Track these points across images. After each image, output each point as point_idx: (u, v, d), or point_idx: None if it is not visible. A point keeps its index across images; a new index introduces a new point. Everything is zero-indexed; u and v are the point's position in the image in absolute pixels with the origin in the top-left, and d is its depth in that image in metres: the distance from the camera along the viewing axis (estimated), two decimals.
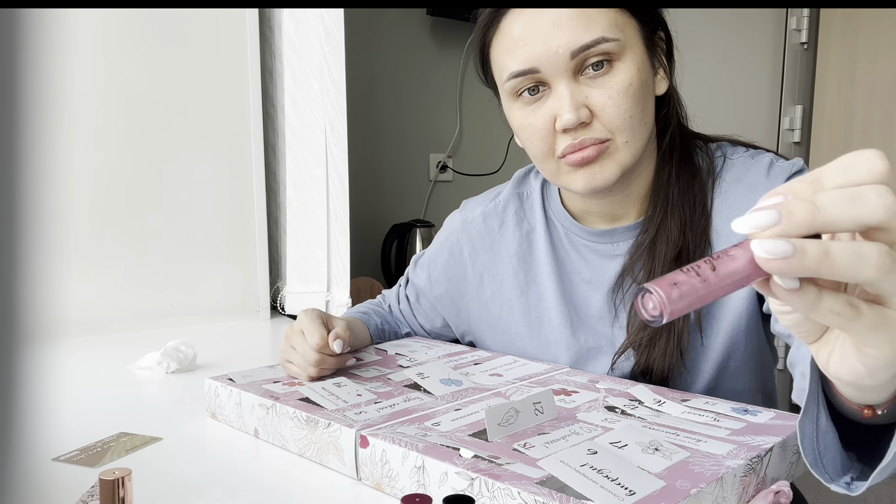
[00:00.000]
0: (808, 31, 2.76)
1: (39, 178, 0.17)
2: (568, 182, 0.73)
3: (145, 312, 1.26)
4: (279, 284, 1.44)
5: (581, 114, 0.68)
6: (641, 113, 0.70)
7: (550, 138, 0.71)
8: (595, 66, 0.68)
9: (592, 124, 0.69)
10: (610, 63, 0.69)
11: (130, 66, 1.23)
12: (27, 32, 0.17)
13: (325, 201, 1.34)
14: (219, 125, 1.31)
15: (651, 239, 0.75)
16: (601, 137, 0.69)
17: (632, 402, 0.68)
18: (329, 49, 1.29)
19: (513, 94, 0.73)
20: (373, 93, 2.26)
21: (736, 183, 0.75)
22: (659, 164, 0.77)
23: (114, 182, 1.22)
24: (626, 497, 0.47)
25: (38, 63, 0.17)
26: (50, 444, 0.70)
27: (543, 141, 0.71)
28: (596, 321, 0.80)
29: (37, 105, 0.17)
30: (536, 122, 0.71)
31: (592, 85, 0.69)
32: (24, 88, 0.16)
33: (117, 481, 0.49)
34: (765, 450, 0.56)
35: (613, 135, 0.70)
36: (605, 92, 0.68)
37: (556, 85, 0.69)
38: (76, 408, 0.84)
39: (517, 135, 0.76)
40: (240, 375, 0.78)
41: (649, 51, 0.72)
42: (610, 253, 0.79)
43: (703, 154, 0.78)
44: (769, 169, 0.74)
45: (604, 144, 0.70)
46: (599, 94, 0.69)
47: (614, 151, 0.70)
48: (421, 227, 2.18)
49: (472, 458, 0.54)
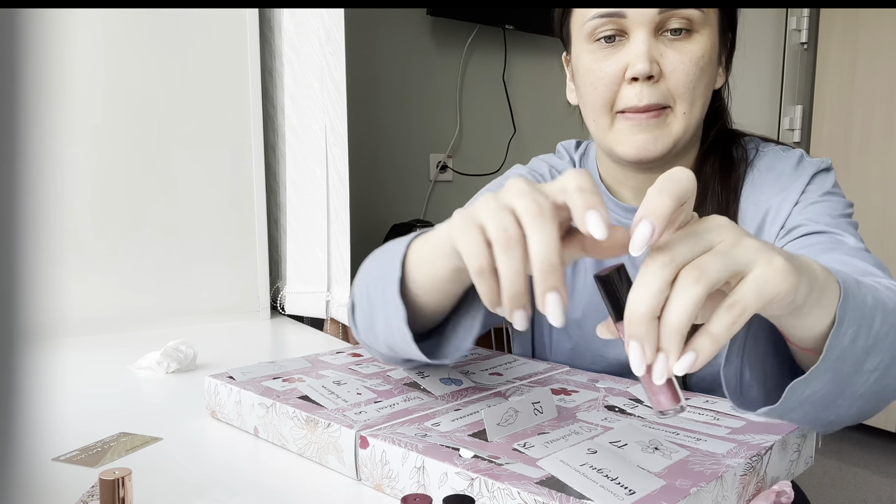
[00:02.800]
0: (808, 31, 2.77)
1: (39, 178, 0.17)
2: (616, 142, 0.74)
3: (145, 312, 1.26)
4: (279, 284, 1.44)
5: (653, 67, 0.70)
6: (704, 89, 0.73)
7: (615, 87, 0.73)
8: (675, 31, 0.71)
9: (659, 84, 0.72)
10: (689, 32, 0.72)
11: (130, 65, 1.23)
12: (27, 32, 0.17)
13: (326, 201, 1.34)
14: (219, 125, 1.31)
15: None
16: (662, 103, 0.72)
17: (631, 401, 0.68)
18: (329, 49, 1.29)
19: (589, 37, 0.74)
20: (373, 93, 2.26)
21: (767, 171, 0.79)
22: (702, 155, 0.80)
23: (113, 182, 1.22)
24: (626, 496, 0.47)
25: (38, 63, 0.17)
26: (50, 444, 0.70)
27: (609, 88, 0.73)
28: None
29: (37, 105, 0.17)
30: (606, 68, 0.73)
31: (669, 46, 0.72)
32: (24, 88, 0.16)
33: (117, 481, 0.49)
34: (765, 448, 0.56)
35: (675, 101, 0.72)
36: (679, 56, 0.71)
37: (635, 34, 0.71)
38: (76, 408, 0.84)
39: (582, 79, 0.76)
40: (239, 372, 0.78)
41: (721, 41, 0.76)
42: None
43: (739, 147, 0.82)
44: (798, 162, 0.78)
45: (664, 111, 0.72)
46: (674, 55, 0.71)
47: (672, 122, 0.73)
48: (421, 228, 2.19)
49: (472, 458, 0.54)
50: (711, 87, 0.76)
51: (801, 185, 0.76)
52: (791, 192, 0.76)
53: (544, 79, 2.62)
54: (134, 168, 1.24)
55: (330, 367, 0.81)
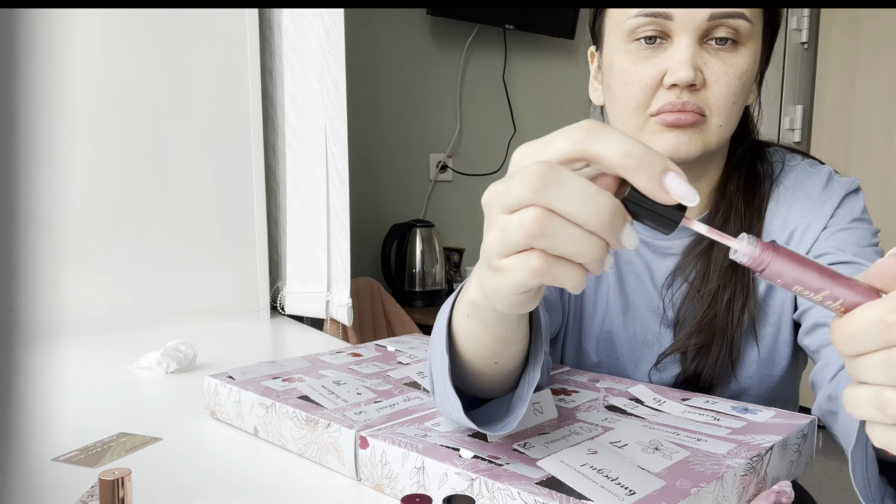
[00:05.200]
0: (808, 31, 2.77)
1: (39, 178, 0.17)
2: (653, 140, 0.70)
3: (145, 312, 1.26)
4: (279, 284, 1.44)
5: (697, 76, 0.67)
6: (741, 105, 0.70)
7: (651, 91, 0.69)
8: (720, 40, 0.68)
9: (699, 93, 0.68)
10: (735, 44, 0.68)
11: (130, 65, 1.23)
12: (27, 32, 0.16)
13: (326, 201, 1.34)
14: (219, 125, 1.31)
15: (709, 243, 0.74)
16: (701, 110, 0.68)
17: (632, 401, 0.68)
18: (329, 49, 1.29)
19: (628, 35, 0.70)
20: (373, 93, 2.26)
21: (793, 189, 0.75)
22: (728, 171, 0.77)
23: (113, 182, 1.22)
24: (627, 497, 0.47)
25: (38, 63, 0.17)
26: (50, 444, 0.70)
27: (644, 92, 0.69)
28: (645, 314, 0.79)
29: (36, 105, 0.17)
30: (644, 72, 0.69)
31: (714, 55, 0.68)
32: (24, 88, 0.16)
33: (117, 481, 0.49)
34: (765, 449, 0.56)
35: (712, 113, 0.69)
36: (723, 67, 0.68)
37: (679, 39, 0.67)
38: (76, 408, 0.84)
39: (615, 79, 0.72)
40: (239, 372, 0.78)
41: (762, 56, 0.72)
42: (663, 250, 0.79)
43: (764, 161, 0.78)
44: (827, 182, 0.75)
45: (700, 118, 0.68)
46: (718, 66, 0.68)
47: (706, 130, 0.69)
48: (421, 227, 2.18)
49: (472, 458, 0.54)
50: (743, 107, 0.73)
51: (831, 208, 0.73)
52: (819, 216, 0.73)
53: (544, 79, 2.62)
54: (134, 168, 1.24)
55: (330, 367, 0.81)
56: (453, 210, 2.47)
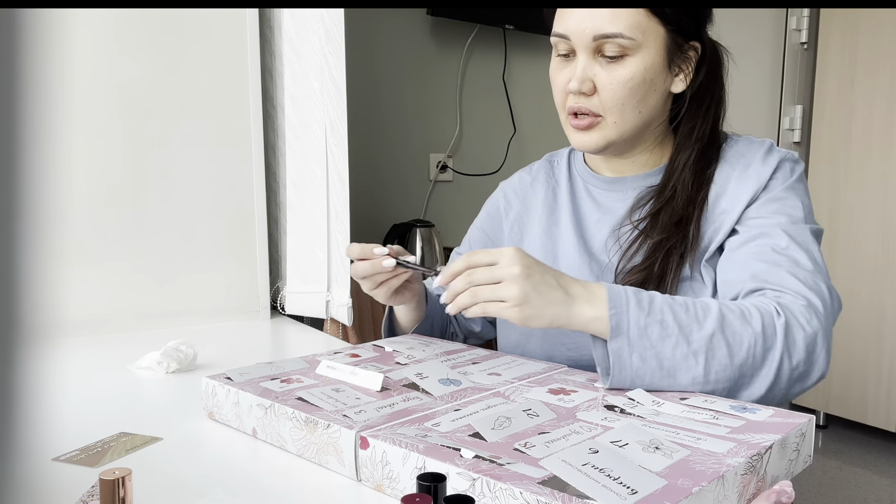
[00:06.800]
0: (808, 31, 2.76)
1: (39, 177, 0.17)
2: (569, 135, 0.90)
3: (145, 312, 1.26)
4: (279, 284, 1.44)
5: (584, 86, 0.84)
6: (636, 103, 0.84)
7: (564, 94, 0.87)
8: (609, 56, 0.82)
9: (592, 98, 0.85)
10: (622, 57, 0.82)
11: (130, 65, 1.23)
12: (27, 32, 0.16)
13: (326, 201, 1.34)
14: (219, 125, 1.31)
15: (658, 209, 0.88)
16: (595, 111, 0.85)
17: (630, 400, 0.68)
18: (329, 49, 1.29)
19: (554, 49, 0.88)
20: (373, 93, 2.26)
21: (737, 158, 0.88)
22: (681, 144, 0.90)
23: (114, 182, 1.22)
24: (629, 496, 0.47)
25: (38, 63, 0.17)
26: (50, 444, 0.70)
27: (560, 94, 0.88)
28: (601, 252, 0.92)
29: (37, 105, 0.17)
30: (559, 78, 0.88)
31: (603, 67, 0.83)
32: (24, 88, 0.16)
33: (117, 481, 0.49)
34: (765, 447, 0.56)
35: (605, 113, 0.85)
36: (609, 77, 0.83)
37: (578, 55, 0.84)
38: (76, 408, 0.84)
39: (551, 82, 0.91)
40: (237, 373, 0.78)
41: (669, 55, 0.85)
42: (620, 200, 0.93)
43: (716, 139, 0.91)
44: (768, 151, 0.88)
45: (596, 119, 0.85)
46: (605, 77, 0.83)
47: (603, 127, 0.86)
48: (421, 227, 2.18)
49: (474, 458, 0.54)
50: (653, 100, 0.85)
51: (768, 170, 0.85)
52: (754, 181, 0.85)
53: (544, 79, 2.61)
54: (134, 168, 1.24)
55: (325, 376, 0.80)
56: (453, 210, 2.47)
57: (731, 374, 0.71)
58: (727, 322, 0.72)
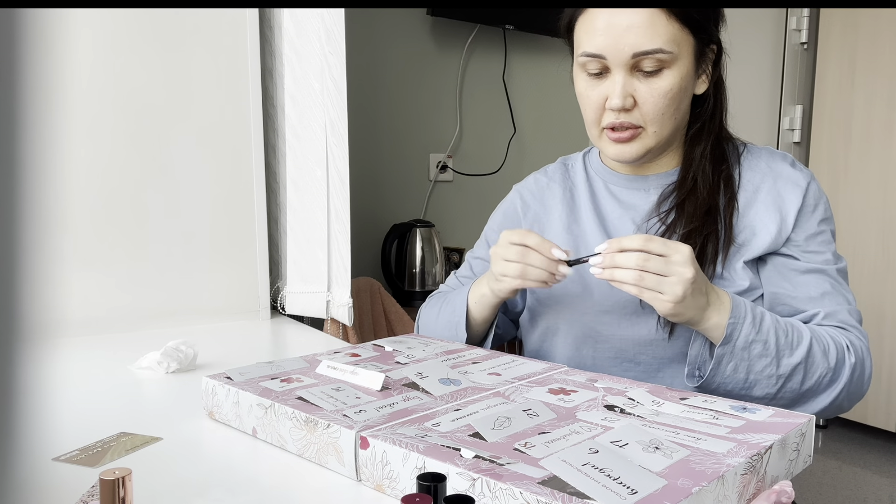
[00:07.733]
0: (808, 31, 2.76)
1: (40, 178, 0.17)
2: (604, 147, 0.91)
3: (145, 312, 1.26)
4: (279, 284, 1.44)
5: (626, 101, 0.85)
6: (674, 111, 0.87)
7: (600, 111, 0.88)
8: (647, 70, 0.84)
9: (633, 111, 0.86)
10: (660, 70, 0.84)
11: (130, 66, 1.23)
12: (27, 32, 0.16)
13: (326, 201, 1.34)
14: (219, 125, 1.31)
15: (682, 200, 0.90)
16: (636, 124, 0.87)
17: (630, 400, 0.68)
18: (329, 49, 1.29)
19: (581, 67, 0.89)
20: (373, 93, 2.26)
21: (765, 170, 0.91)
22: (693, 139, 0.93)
23: (114, 182, 1.22)
24: (629, 496, 0.47)
25: (38, 63, 0.17)
26: (50, 444, 0.70)
27: (594, 111, 0.89)
28: None
29: (37, 105, 0.17)
30: (593, 96, 0.88)
31: (642, 81, 0.85)
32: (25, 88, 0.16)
33: (117, 481, 0.49)
34: (765, 447, 0.56)
35: (646, 124, 0.87)
36: (650, 91, 0.85)
37: (615, 73, 0.85)
38: (76, 408, 0.84)
39: (578, 98, 0.92)
40: (237, 373, 0.78)
41: (697, 61, 0.88)
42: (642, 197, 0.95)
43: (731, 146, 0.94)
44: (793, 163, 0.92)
45: (637, 130, 0.87)
46: (645, 91, 0.85)
47: (644, 137, 0.88)
48: (421, 227, 2.18)
49: (474, 458, 0.54)
50: (685, 105, 0.89)
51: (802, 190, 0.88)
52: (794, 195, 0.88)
53: (544, 79, 2.62)
54: (134, 168, 1.24)
55: (325, 376, 0.80)
56: (453, 210, 2.47)
57: (794, 396, 0.81)
58: (812, 353, 0.80)
